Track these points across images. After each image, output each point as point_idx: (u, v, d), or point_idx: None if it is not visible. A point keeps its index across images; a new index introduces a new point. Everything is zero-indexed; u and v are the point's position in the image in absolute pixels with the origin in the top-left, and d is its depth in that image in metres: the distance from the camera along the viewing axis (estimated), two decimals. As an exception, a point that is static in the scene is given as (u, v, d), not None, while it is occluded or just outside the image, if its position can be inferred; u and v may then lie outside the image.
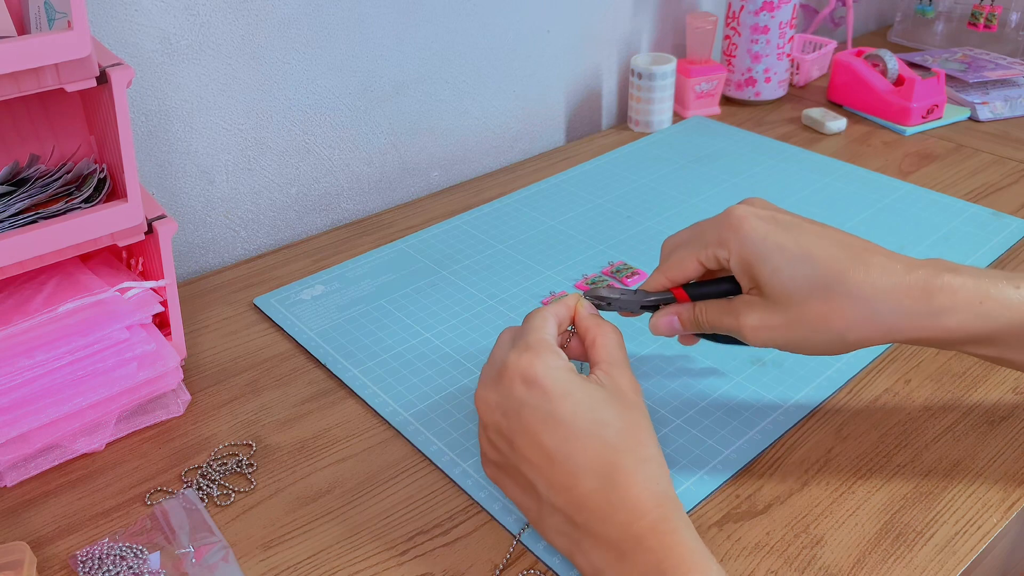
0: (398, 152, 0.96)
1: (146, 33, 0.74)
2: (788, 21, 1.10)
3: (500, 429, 0.46)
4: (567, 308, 0.52)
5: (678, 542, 0.41)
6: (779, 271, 0.48)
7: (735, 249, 0.50)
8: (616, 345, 0.50)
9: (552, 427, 0.43)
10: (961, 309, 0.47)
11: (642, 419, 0.46)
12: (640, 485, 0.42)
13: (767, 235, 0.49)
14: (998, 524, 0.53)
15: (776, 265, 0.48)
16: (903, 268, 0.48)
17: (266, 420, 0.63)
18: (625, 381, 0.47)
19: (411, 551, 0.52)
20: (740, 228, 0.49)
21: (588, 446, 0.43)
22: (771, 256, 0.48)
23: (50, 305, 0.59)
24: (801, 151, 1.01)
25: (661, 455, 0.45)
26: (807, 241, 0.48)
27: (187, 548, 0.52)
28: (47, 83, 0.52)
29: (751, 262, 0.49)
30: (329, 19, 0.84)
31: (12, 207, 0.56)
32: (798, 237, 0.48)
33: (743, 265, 0.50)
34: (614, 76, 1.15)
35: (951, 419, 0.61)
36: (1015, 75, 1.16)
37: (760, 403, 0.62)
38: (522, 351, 0.46)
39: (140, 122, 0.76)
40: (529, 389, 0.45)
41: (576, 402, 0.44)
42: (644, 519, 0.41)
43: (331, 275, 0.80)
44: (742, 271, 0.50)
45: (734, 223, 0.50)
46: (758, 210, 0.51)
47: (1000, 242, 0.81)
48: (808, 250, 0.48)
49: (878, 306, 0.47)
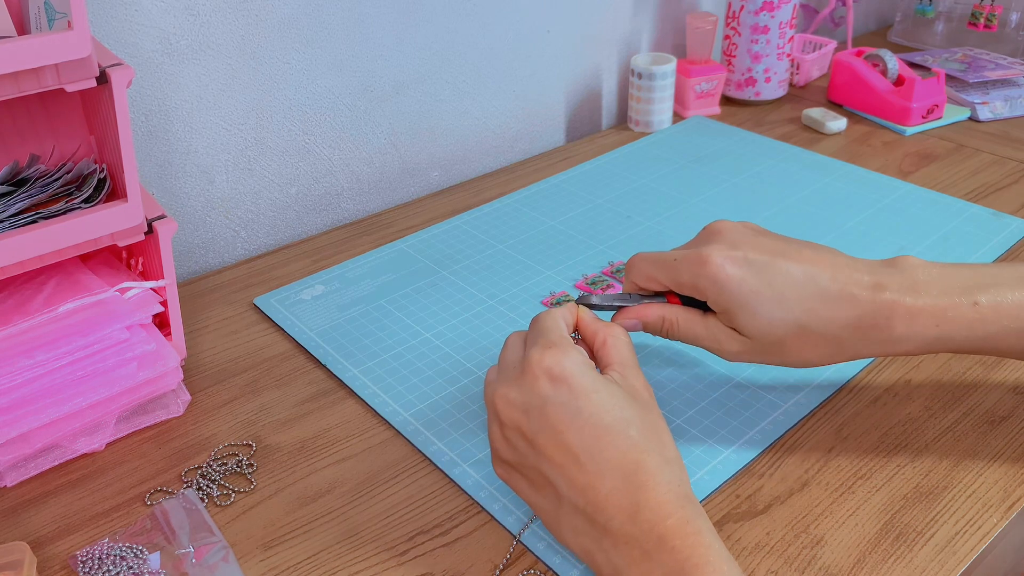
0: (398, 152, 0.96)
1: (146, 33, 0.74)
2: (788, 21, 1.11)
3: (521, 427, 0.45)
4: (571, 312, 0.52)
5: (701, 543, 0.41)
6: (756, 316, 0.51)
7: (712, 296, 0.52)
8: (626, 346, 0.50)
9: (579, 425, 0.43)
10: (917, 336, 0.51)
11: (659, 420, 0.46)
12: (664, 486, 0.42)
13: (742, 282, 0.50)
14: (998, 524, 0.53)
15: (753, 311, 0.51)
16: (868, 297, 0.50)
17: (266, 420, 0.63)
18: (639, 382, 0.47)
19: (411, 551, 0.52)
20: (717, 278, 0.51)
21: (614, 444, 0.43)
22: (747, 302, 0.50)
23: (50, 305, 0.59)
24: (801, 151, 1.01)
25: (680, 457, 0.45)
26: (780, 283, 0.51)
27: (187, 548, 0.52)
28: (47, 83, 0.52)
29: (728, 308, 0.51)
30: (329, 19, 0.84)
31: (12, 207, 0.56)
32: (771, 280, 0.51)
33: (720, 307, 0.52)
34: (614, 76, 1.15)
35: (951, 419, 0.61)
36: (1015, 75, 1.16)
37: (760, 403, 0.62)
38: (545, 348, 0.46)
39: (140, 122, 0.76)
40: (555, 386, 0.44)
41: (602, 400, 0.44)
42: (668, 520, 0.41)
43: (331, 275, 0.80)
44: (720, 310, 0.52)
45: (711, 273, 0.51)
46: (732, 253, 0.51)
47: (1000, 242, 0.81)
48: (781, 293, 0.50)
49: (844, 340, 0.51)
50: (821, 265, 0.51)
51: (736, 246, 0.52)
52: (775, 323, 0.51)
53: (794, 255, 0.52)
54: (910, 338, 0.51)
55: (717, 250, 0.51)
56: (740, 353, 0.53)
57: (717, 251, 0.51)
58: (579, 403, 0.44)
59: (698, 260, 0.51)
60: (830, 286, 0.51)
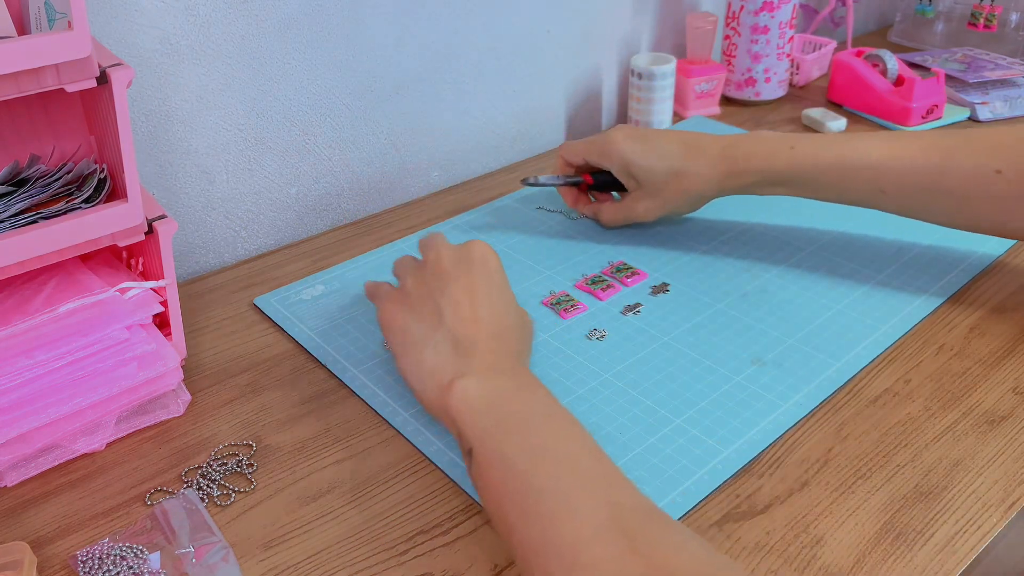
0: (398, 152, 0.96)
1: (146, 33, 0.74)
2: (788, 21, 1.11)
3: (445, 270, 0.59)
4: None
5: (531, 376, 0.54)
6: (647, 170, 0.77)
7: (616, 161, 0.79)
8: None
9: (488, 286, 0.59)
10: (754, 171, 0.75)
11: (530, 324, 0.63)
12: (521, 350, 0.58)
13: (634, 149, 0.78)
14: (998, 524, 0.53)
15: (643, 166, 0.77)
16: (719, 151, 0.76)
17: (266, 420, 0.63)
18: None
19: (411, 551, 0.52)
20: (617, 147, 0.79)
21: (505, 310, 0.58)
22: (639, 161, 0.77)
23: (50, 305, 0.59)
24: (801, 151, 1.01)
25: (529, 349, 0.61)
26: (660, 146, 0.77)
27: (187, 548, 0.52)
28: (47, 83, 0.52)
29: (628, 168, 0.78)
30: (329, 19, 0.84)
31: (12, 207, 0.56)
32: (655, 145, 0.77)
33: (623, 170, 0.78)
34: (614, 76, 1.15)
35: (951, 419, 0.61)
36: (1015, 75, 1.16)
37: (760, 403, 0.62)
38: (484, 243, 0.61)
39: (140, 122, 0.76)
40: (484, 258, 0.60)
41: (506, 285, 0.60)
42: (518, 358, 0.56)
43: (331, 275, 0.80)
44: (624, 174, 0.79)
45: (614, 146, 0.79)
46: (628, 132, 0.79)
47: (1000, 242, 0.81)
48: (662, 152, 0.77)
49: (709, 175, 0.76)
50: (688, 135, 0.78)
51: (629, 130, 0.80)
52: (660, 172, 0.77)
53: (670, 133, 0.79)
54: (749, 172, 0.74)
55: (617, 133, 0.79)
56: (650, 209, 0.79)
57: (619, 130, 0.80)
58: (494, 275, 0.59)
59: (604, 139, 0.80)
60: (695, 145, 0.77)
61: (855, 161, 0.71)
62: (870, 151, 0.71)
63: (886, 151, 0.70)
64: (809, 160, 0.72)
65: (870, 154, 0.70)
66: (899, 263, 0.78)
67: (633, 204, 0.79)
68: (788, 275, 0.77)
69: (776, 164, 0.73)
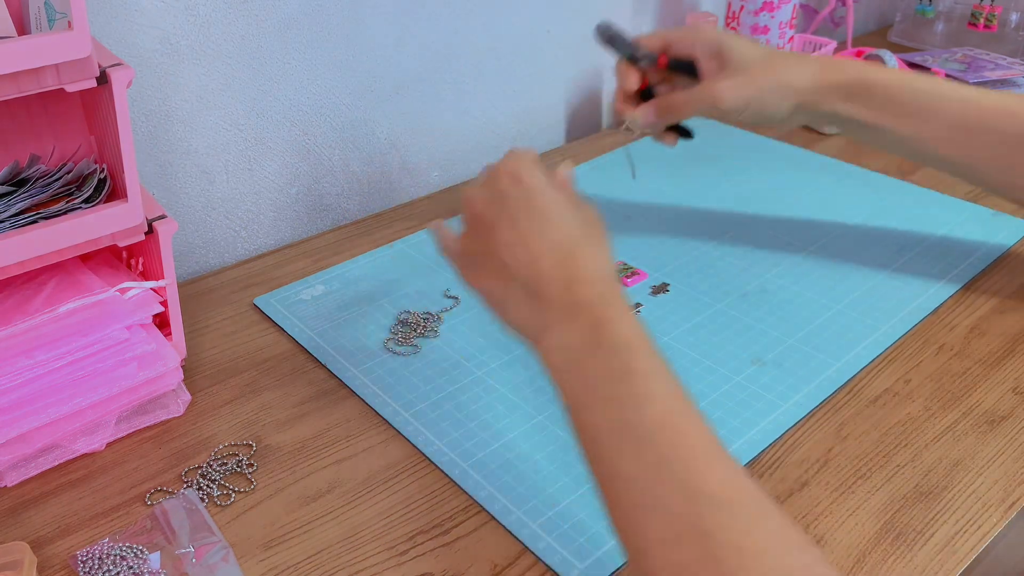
0: (398, 152, 0.96)
1: (146, 33, 0.74)
2: (788, 21, 1.10)
3: (484, 218, 0.54)
4: None
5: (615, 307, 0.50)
6: (738, 48, 0.71)
7: (707, 40, 0.72)
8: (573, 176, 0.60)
9: (529, 213, 0.53)
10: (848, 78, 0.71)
11: (597, 224, 0.56)
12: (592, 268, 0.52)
13: (726, 34, 0.72)
14: (998, 524, 0.53)
15: (734, 45, 0.71)
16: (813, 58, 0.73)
17: (266, 420, 0.63)
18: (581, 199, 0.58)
19: (411, 551, 0.52)
20: (708, 29, 0.74)
21: (558, 229, 0.53)
22: (732, 41, 0.71)
23: (50, 305, 0.59)
24: (801, 151, 1.01)
25: (609, 251, 0.54)
26: (747, 39, 0.73)
27: (187, 548, 0.52)
28: (47, 83, 0.52)
29: (720, 47, 0.71)
30: (329, 19, 0.84)
31: (13, 207, 0.56)
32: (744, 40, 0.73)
33: (712, 50, 0.71)
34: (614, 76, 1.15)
35: (951, 419, 0.61)
36: (1015, 75, 1.16)
37: (760, 403, 0.62)
38: (508, 156, 0.57)
39: (140, 122, 0.76)
40: (514, 183, 0.55)
41: (549, 197, 0.54)
42: (593, 288, 0.50)
43: (331, 275, 0.80)
44: (710, 55, 0.71)
45: (705, 29, 0.74)
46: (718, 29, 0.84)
47: (1000, 242, 0.81)
48: (751, 41, 0.73)
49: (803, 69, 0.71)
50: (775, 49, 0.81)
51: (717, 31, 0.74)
52: (751, 53, 0.71)
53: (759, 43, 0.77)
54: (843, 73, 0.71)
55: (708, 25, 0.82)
56: (732, 87, 0.70)
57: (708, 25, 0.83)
58: (531, 197, 0.54)
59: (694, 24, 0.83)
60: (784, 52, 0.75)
61: (948, 92, 0.70)
62: (962, 87, 0.71)
63: (978, 91, 0.71)
64: (906, 80, 0.71)
65: (963, 90, 0.70)
66: (899, 263, 0.78)
67: (715, 83, 0.71)
68: (788, 275, 0.77)
69: (870, 75, 0.71)
